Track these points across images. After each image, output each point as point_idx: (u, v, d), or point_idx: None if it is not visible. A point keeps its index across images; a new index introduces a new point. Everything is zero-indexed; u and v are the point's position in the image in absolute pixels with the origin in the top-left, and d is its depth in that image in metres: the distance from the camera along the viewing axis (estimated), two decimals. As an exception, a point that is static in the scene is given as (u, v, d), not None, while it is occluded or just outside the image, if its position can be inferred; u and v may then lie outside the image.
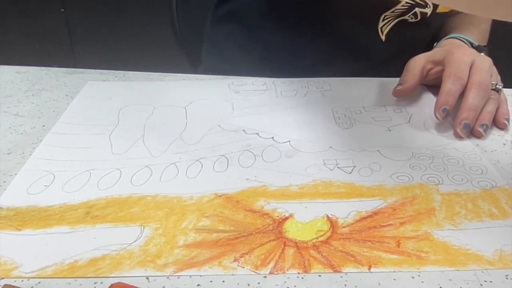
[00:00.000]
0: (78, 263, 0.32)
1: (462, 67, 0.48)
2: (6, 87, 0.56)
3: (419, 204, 0.39)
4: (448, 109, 0.47)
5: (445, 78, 0.49)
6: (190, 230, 0.35)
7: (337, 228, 0.36)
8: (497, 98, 0.49)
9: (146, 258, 0.33)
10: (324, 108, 0.55)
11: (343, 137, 0.49)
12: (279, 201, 0.39)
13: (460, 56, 0.49)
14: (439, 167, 0.44)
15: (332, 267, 0.33)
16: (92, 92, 0.56)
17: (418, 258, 0.34)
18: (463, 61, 0.49)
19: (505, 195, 0.41)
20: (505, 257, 0.34)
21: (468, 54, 0.50)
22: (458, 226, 0.37)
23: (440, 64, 0.53)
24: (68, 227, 0.35)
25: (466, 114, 0.46)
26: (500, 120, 0.49)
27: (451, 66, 0.49)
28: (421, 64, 0.54)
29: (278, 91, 0.58)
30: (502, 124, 0.49)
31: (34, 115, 0.50)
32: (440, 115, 0.47)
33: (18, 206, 0.37)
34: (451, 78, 0.48)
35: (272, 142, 0.47)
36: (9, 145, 0.45)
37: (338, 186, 0.41)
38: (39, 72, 0.60)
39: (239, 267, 0.32)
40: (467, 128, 0.46)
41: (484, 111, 0.48)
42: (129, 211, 0.37)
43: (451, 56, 0.50)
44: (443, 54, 0.52)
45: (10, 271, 0.31)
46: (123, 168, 0.42)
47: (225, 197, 0.39)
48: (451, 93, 0.48)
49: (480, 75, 0.48)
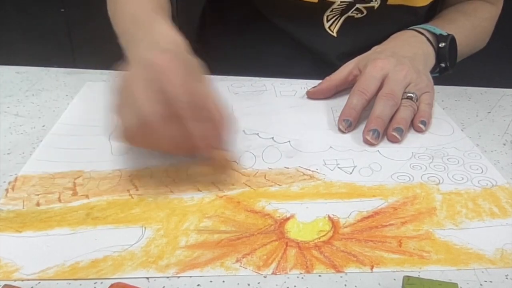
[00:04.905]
0: (79, 265, 0.32)
1: (369, 82, 0.51)
2: (6, 87, 0.56)
3: (420, 203, 0.39)
4: (350, 121, 0.50)
5: (352, 93, 0.51)
6: (191, 231, 0.35)
7: (338, 228, 0.36)
8: (410, 105, 0.50)
9: (148, 259, 0.33)
10: (324, 108, 0.55)
11: (343, 137, 0.49)
12: (280, 201, 0.39)
13: (371, 70, 0.52)
14: (439, 167, 0.44)
15: (334, 267, 0.33)
16: (91, 92, 0.56)
17: (420, 258, 0.34)
18: (371, 76, 0.51)
19: (506, 194, 0.41)
20: (506, 256, 0.34)
21: (380, 68, 0.51)
22: (459, 225, 0.37)
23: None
24: (69, 228, 0.35)
25: (374, 122, 0.48)
26: (415, 123, 0.51)
27: (359, 81, 0.52)
28: (348, 69, 0.56)
29: (277, 91, 0.58)
30: (417, 127, 0.51)
31: (34, 115, 0.50)
32: (342, 126, 0.50)
33: (18, 208, 0.37)
34: (355, 93, 0.51)
35: (272, 142, 0.47)
36: (9, 145, 0.45)
37: (339, 187, 0.41)
38: (39, 72, 0.60)
39: (241, 268, 0.32)
40: (376, 134, 0.47)
41: (396, 117, 0.49)
42: (130, 212, 0.37)
43: (365, 70, 0.52)
44: (366, 64, 0.53)
45: (11, 273, 0.31)
46: (123, 169, 0.42)
47: (226, 198, 0.39)
48: (353, 106, 0.50)
49: (389, 86, 0.50)
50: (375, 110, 0.49)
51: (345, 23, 0.64)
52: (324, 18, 0.63)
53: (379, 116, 0.48)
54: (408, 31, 0.60)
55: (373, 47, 0.58)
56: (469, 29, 0.65)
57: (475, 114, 0.56)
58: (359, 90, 0.51)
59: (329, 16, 0.63)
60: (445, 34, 0.58)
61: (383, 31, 0.61)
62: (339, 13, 0.62)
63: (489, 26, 0.69)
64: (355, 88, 0.51)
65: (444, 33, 0.59)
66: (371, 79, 0.51)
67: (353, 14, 0.63)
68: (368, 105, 0.51)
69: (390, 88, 0.50)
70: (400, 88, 0.50)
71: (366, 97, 0.50)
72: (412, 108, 0.50)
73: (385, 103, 0.49)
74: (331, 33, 0.64)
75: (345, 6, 0.61)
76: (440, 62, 0.58)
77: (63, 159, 0.43)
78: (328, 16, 0.63)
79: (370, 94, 0.50)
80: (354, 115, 0.50)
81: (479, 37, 0.68)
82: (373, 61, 0.52)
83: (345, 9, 0.62)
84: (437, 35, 0.58)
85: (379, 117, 0.48)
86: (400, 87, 0.50)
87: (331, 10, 0.62)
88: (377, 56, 0.54)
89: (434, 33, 0.59)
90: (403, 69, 0.51)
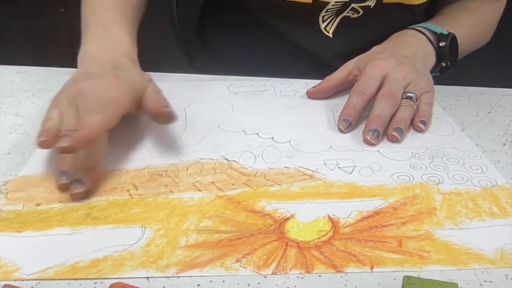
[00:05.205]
0: (79, 265, 0.32)
1: (369, 82, 0.51)
2: (6, 87, 0.56)
3: (420, 203, 0.39)
4: (350, 121, 0.50)
5: (351, 93, 0.51)
6: (191, 231, 0.35)
7: (338, 228, 0.36)
8: (410, 105, 0.50)
9: (148, 259, 0.33)
10: (324, 108, 0.55)
11: (343, 137, 0.49)
12: (280, 201, 0.39)
13: (371, 70, 0.51)
14: (439, 167, 0.44)
15: (335, 267, 0.33)
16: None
17: (420, 258, 0.34)
18: (371, 76, 0.51)
19: (506, 194, 0.41)
20: (506, 256, 0.34)
21: (380, 68, 0.51)
22: (459, 225, 0.37)
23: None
24: (69, 228, 0.35)
25: (374, 122, 0.48)
26: (415, 123, 0.51)
27: (359, 81, 0.52)
28: (348, 69, 0.56)
29: (277, 91, 0.58)
30: (417, 127, 0.51)
31: (34, 115, 0.50)
32: (342, 126, 0.50)
33: (18, 208, 0.37)
34: (355, 93, 0.51)
35: (272, 142, 0.47)
36: (9, 145, 0.45)
37: (339, 186, 0.41)
38: (39, 72, 0.60)
39: (241, 268, 0.32)
40: (376, 134, 0.47)
41: (395, 117, 0.49)
42: (130, 212, 0.37)
43: (364, 70, 0.52)
44: (366, 63, 0.53)
45: (11, 273, 0.31)
46: (123, 169, 0.42)
47: (226, 198, 0.39)
48: (353, 106, 0.50)
49: (389, 86, 0.50)
50: (375, 110, 0.49)
51: (341, 23, 0.64)
52: (319, 19, 0.63)
53: (379, 116, 0.48)
54: (408, 30, 0.60)
55: (373, 47, 0.58)
56: (471, 27, 0.65)
57: (475, 114, 0.56)
58: (359, 90, 0.51)
59: (324, 16, 0.63)
60: (445, 33, 0.58)
61: (380, 31, 0.61)
62: (334, 13, 0.62)
63: (492, 22, 0.69)
64: (355, 88, 0.51)
65: (445, 32, 0.58)
66: (370, 79, 0.51)
67: (349, 14, 0.62)
68: (368, 105, 0.51)
69: (390, 88, 0.50)
70: (400, 88, 0.51)
71: (366, 97, 0.50)
72: (412, 108, 0.50)
73: (385, 103, 0.49)
74: (326, 34, 0.64)
75: (341, 6, 0.61)
76: (440, 61, 0.58)
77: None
78: (324, 16, 0.63)
79: (370, 94, 0.51)
80: (354, 115, 0.50)
81: (481, 34, 0.68)
82: (372, 61, 0.52)
83: (341, 9, 0.62)
84: (438, 34, 0.58)
85: (379, 117, 0.48)
86: (400, 87, 0.51)
87: (326, 10, 0.62)
88: (377, 56, 0.54)
89: (434, 32, 0.58)
90: (403, 69, 0.51)
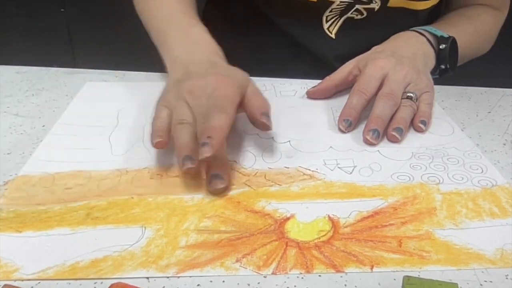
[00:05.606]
0: (79, 265, 0.32)
1: (369, 82, 0.51)
2: (6, 87, 0.56)
3: (420, 203, 0.39)
4: (350, 121, 0.50)
5: (352, 92, 0.51)
6: (191, 231, 0.35)
7: (338, 228, 0.36)
8: (410, 105, 0.50)
9: (148, 259, 0.33)
10: (324, 108, 0.55)
11: (343, 137, 0.49)
12: (280, 201, 0.39)
13: (371, 70, 0.52)
14: (439, 167, 0.45)
15: (335, 267, 0.33)
16: (91, 92, 0.56)
17: (420, 258, 0.34)
18: (371, 76, 0.51)
19: (506, 194, 0.41)
20: (506, 256, 0.34)
21: (380, 68, 0.51)
22: (459, 225, 0.37)
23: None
24: (69, 228, 0.35)
25: (374, 122, 0.48)
26: (415, 123, 0.51)
27: (359, 81, 0.52)
28: (348, 68, 0.56)
29: (277, 91, 0.58)
30: (417, 127, 0.51)
31: (34, 115, 0.50)
32: (342, 126, 0.50)
33: (18, 208, 0.37)
34: (355, 93, 0.51)
35: (272, 142, 0.47)
36: (9, 145, 0.45)
37: (339, 186, 0.41)
38: (39, 72, 0.60)
39: (241, 268, 0.32)
40: (376, 134, 0.47)
41: (395, 117, 0.50)
42: (130, 212, 0.37)
43: (364, 69, 0.52)
44: (366, 63, 0.53)
45: (11, 273, 0.31)
46: (123, 169, 0.42)
47: (226, 198, 0.39)
48: (353, 106, 0.50)
49: (389, 86, 0.50)
50: (375, 110, 0.49)
51: (344, 24, 0.64)
52: (323, 19, 0.63)
53: (379, 116, 0.48)
54: (409, 31, 0.60)
55: (373, 47, 0.58)
56: (471, 33, 0.65)
57: (475, 114, 0.56)
58: (359, 90, 0.51)
59: (328, 16, 0.63)
60: (446, 36, 0.58)
61: (382, 34, 0.61)
62: (338, 13, 0.62)
63: (492, 31, 0.69)
64: (355, 88, 0.51)
65: (445, 35, 0.59)
66: (371, 79, 0.51)
67: (353, 15, 0.63)
68: (368, 105, 0.51)
69: (390, 88, 0.50)
70: (400, 88, 0.51)
71: (366, 97, 0.50)
72: (412, 108, 0.50)
73: (385, 103, 0.49)
74: (329, 34, 0.64)
75: (345, 6, 0.61)
76: (440, 63, 0.58)
77: (63, 159, 0.43)
78: (328, 16, 0.63)
79: (370, 94, 0.51)
80: (354, 115, 0.50)
81: (481, 41, 0.68)
82: (373, 61, 0.52)
83: (345, 10, 0.62)
84: (438, 37, 0.58)
85: (379, 117, 0.48)
86: (400, 87, 0.51)
87: (331, 10, 0.62)
88: (377, 56, 0.54)
89: (434, 35, 0.59)
90: (403, 69, 0.51)
